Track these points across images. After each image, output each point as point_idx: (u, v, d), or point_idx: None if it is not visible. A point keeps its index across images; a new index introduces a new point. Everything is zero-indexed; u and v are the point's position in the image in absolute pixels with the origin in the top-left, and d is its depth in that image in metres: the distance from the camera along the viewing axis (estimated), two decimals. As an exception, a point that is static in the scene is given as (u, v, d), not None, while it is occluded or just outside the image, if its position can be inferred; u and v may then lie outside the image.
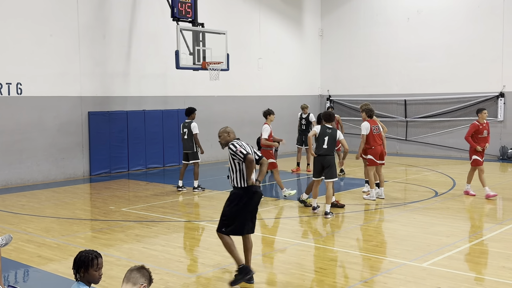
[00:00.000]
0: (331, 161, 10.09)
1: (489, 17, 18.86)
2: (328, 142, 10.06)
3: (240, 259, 6.63)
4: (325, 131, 10.12)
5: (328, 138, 10.05)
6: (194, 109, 13.29)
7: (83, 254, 4.06)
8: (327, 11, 23.21)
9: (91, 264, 4.02)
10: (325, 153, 10.09)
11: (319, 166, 10.16)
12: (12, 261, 7.52)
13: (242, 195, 6.57)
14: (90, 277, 4.03)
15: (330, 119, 10.22)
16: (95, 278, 4.05)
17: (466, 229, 9.15)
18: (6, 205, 11.57)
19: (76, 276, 4.04)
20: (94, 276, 4.04)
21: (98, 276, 4.06)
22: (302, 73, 22.74)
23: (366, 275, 6.84)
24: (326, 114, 10.38)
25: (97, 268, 4.05)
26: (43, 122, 14.71)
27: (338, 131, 10.26)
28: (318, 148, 10.15)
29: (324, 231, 9.32)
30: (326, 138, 10.06)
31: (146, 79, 17.14)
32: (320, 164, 10.15)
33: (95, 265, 4.03)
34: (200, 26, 15.41)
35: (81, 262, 4.02)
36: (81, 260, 4.03)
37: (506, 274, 6.74)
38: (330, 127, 10.21)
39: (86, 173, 15.69)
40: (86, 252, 4.09)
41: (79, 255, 4.06)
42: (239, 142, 6.69)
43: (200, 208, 11.67)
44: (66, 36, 15.07)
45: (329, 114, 10.32)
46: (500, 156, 18.67)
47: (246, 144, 6.71)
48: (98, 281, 4.07)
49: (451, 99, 19.81)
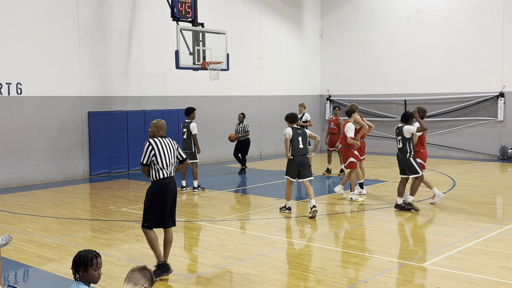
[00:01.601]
0: (307, 160, 10.39)
1: (489, 17, 18.86)
2: (302, 142, 10.33)
3: (160, 255, 6.86)
4: (296, 133, 10.35)
5: (301, 138, 10.33)
6: (194, 108, 13.29)
7: (82, 254, 4.06)
8: (327, 11, 23.20)
9: (90, 263, 4.02)
10: (302, 153, 10.32)
11: (296, 166, 10.28)
12: (12, 261, 7.52)
13: (154, 189, 6.88)
14: (90, 276, 4.03)
15: (294, 120, 10.53)
16: (94, 278, 4.05)
17: (466, 229, 9.15)
18: (6, 205, 11.57)
19: (75, 275, 4.04)
20: (93, 276, 4.04)
21: (98, 275, 4.06)
22: (302, 73, 22.74)
23: (366, 275, 6.84)
24: (290, 116, 10.59)
25: (96, 267, 4.05)
26: (43, 122, 14.71)
27: (306, 129, 10.60)
28: (294, 149, 10.29)
29: (324, 231, 9.32)
30: (300, 139, 10.31)
31: (146, 79, 17.14)
32: (297, 164, 10.27)
33: (94, 264, 4.03)
34: (200, 26, 15.41)
35: (81, 261, 4.02)
36: (80, 259, 4.03)
37: (506, 274, 6.74)
38: (298, 127, 10.55)
39: (86, 173, 15.69)
40: (85, 251, 4.09)
41: (78, 255, 4.06)
42: (155, 143, 6.89)
43: (200, 208, 11.67)
44: (66, 36, 15.07)
45: (293, 115, 10.60)
46: (500, 156, 18.67)
47: (166, 146, 6.93)
48: (97, 280, 4.07)
49: (451, 99, 19.81)
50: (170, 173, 6.95)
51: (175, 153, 7.04)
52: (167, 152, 6.92)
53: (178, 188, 7.50)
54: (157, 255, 6.88)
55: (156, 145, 6.90)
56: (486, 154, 19.10)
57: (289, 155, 10.29)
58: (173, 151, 7.01)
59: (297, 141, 10.28)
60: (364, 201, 11.58)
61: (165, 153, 6.91)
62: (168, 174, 6.92)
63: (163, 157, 6.87)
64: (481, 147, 19.19)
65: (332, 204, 11.58)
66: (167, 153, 6.93)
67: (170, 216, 7.00)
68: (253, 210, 10.99)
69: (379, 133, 21.58)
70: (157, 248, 6.88)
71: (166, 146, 6.96)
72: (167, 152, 6.93)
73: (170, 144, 7.02)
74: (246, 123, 16.21)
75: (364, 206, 11.19)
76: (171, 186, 6.95)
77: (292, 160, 10.28)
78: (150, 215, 6.88)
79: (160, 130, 7.04)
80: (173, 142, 7.11)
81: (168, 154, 6.93)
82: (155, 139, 6.94)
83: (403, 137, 10.47)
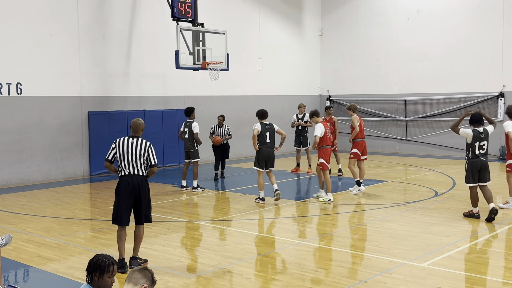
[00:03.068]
0: (273, 154, 11.47)
1: (489, 17, 18.86)
2: (269, 137, 11.37)
3: (121, 252, 7.18)
4: (265, 128, 11.39)
5: (269, 134, 11.36)
6: (193, 108, 13.33)
7: (100, 258, 4.02)
8: (327, 11, 23.20)
9: (107, 269, 3.99)
10: (269, 147, 11.41)
11: (263, 158, 11.36)
12: (12, 261, 7.53)
13: (117, 185, 7.28)
14: (103, 282, 4.00)
15: (264, 116, 11.49)
16: (107, 285, 4.01)
17: (466, 229, 9.15)
18: (6, 205, 11.57)
19: (88, 278, 4.01)
20: (106, 283, 4.01)
21: (111, 283, 4.03)
22: (302, 73, 22.74)
23: (366, 275, 6.84)
24: (260, 112, 11.60)
25: (111, 274, 4.02)
26: (43, 122, 14.71)
27: (274, 125, 11.52)
28: (262, 143, 11.37)
29: (324, 231, 9.32)
30: (267, 134, 11.35)
31: (146, 79, 17.14)
32: (264, 156, 11.35)
33: (110, 271, 4.01)
34: (200, 26, 15.41)
35: (97, 266, 3.99)
36: (97, 264, 3.99)
37: (506, 274, 6.75)
38: (267, 123, 11.48)
39: (86, 173, 15.69)
40: (103, 256, 4.05)
41: (95, 259, 4.02)
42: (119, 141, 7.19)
43: (200, 208, 11.67)
44: (66, 36, 15.06)
45: (263, 111, 11.58)
46: (500, 156, 18.67)
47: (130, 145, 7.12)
48: (110, 287, 4.05)
49: (451, 99, 19.81)
50: (132, 171, 7.09)
51: (141, 154, 7.11)
52: (129, 152, 7.10)
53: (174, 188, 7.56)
54: (118, 251, 7.22)
55: (119, 144, 7.17)
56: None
57: (256, 147, 11.37)
58: (138, 151, 7.10)
59: (264, 136, 11.34)
60: (364, 202, 11.58)
61: (126, 152, 7.10)
62: (129, 172, 7.09)
63: (123, 156, 7.10)
64: (481, 147, 19.17)
65: (332, 204, 11.58)
66: (129, 152, 7.09)
67: (142, 213, 7.22)
68: (253, 210, 10.99)
69: (379, 133, 21.60)
70: (119, 244, 7.19)
71: (130, 145, 7.11)
72: (129, 151, 7.10)
73: (136, 145, 7.12)
74: (227, 126, 15.22)
75: (364, 206, 11.20)
76: (132, 184, 7.08)
77: (260, 153, 11.37)
78: (114, 211, 7.23)
79: (132, 130, 7.28)
80: (144, 144, 7.16)
81: (129, 153, 7.09)
82: (121, 138, 7.23)
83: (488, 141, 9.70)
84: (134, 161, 7.10)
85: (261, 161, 11.39)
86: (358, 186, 12.43)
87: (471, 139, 9.58)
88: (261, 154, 11.36)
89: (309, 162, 15.90)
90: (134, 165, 7.11)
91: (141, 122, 7.35)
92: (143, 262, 7.37)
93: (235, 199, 12.10)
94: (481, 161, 9.60)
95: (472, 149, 9.59)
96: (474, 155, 9.59)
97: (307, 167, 15.94)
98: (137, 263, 7.27)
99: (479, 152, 9.59)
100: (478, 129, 9.62)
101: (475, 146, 9.57)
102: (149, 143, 7.22)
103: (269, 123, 11.55)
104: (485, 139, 9.64)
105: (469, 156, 9.64)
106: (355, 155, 12.53)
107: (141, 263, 7.32)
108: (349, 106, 12.82)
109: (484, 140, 9.62)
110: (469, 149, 9.63)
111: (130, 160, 7.10)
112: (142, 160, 7.13)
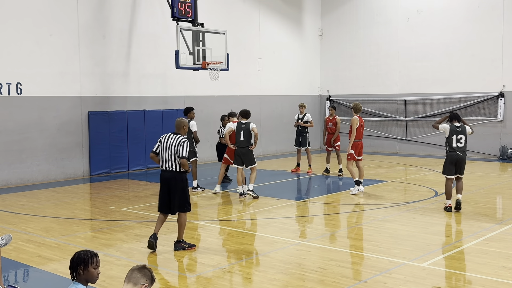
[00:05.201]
0: (248, 151, 11.89)
1: (489, 17, 18.87)
2: (243, 135, 11.83)
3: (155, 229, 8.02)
4: (240, 127, 11.91)
5: (243, 132, 11.83)
6: (191, 108, 13.33)
7: (81, 252, 4.06)
8: (327, 11, 23.21)
9: (90, 261, 4.01)
10: (242, 145, 11.88)
11: (239, 156, 11.93)
12: (12, 261, 7.52)
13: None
14: (89, 274, 4.01)
15: (246, 116, 12.07)
16: (93, 277, 4.03)
17: (466, 229, 9.15)
18: (6, 205, 11.57)
19: (74, 275, 4.02)
20: (92, 274, 4.02)
21: (97, 274, 4.04)
22: (302, 73, 22.74)
23: (366, 275, 6.84)
24: (243, 112, 12.18)
25: (96, 265, 4.04)
26: (43, 122, 14.71)
27: (251, 124, 11.93)
28: (236, 142, 11.93)
29: (324, 231, 9.32)
30: (241, 132, 11.84)
31: (146, 79, 17.14)
32: (239, 154, 11.91)
33: (94, 262, 4.02)
34: (200, 26, 15.41)
35: (80, 259, 4.01)
36: (80, 258, 4.02)
37: (506, 274, 6.74)
38: (245, 122, 11.97)
39: (86, 173, 15.69)
40: (83, 251, 4.09)
41: (76, 254, 4.05)
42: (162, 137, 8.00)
43: (200, 208, 11.66)
44: (66, 36, 15.07)
45: (246, 111, 12.17)
46: (500, 156, 18.68)
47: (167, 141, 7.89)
48: (96, 279, 4.05)
49: (451, 99, 19.81)
50: (166, 166, 7.85)
51: (175, 150, 7.77)
52: (166, 147, 7.83)
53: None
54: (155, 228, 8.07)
55: (162, 139, 7.96)
56: (486, 154, 19.10)
57: (232, 146, 12.03)
58: (173, 147, 7.78)
59: (238, 135, 11.89)
60: (363, 202, 11.57)
61: (164, 147, 7.85)
62: (164, 166, 7.87)
63: (162, 151, 7.89)
64: (481, 147, 19.19)
65: (332, 204, 11.59)
66: (166, 147, 7.83)
67: (174, 203, 7.88)
68: (253, 210, 11.00)
69: (379, 133, 21.60)
70: (157, 224, 8.04)
71: (168, 141, 7.84)
72: (167, 146, 7.82)
73: (173, 141, 7.81)
74: None
75: (364, 206, 11.20)
76: (164, 177, 7.89)
77: (235, 151, 11.99)
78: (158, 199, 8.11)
79: (175, 127, 8.06)
80: (179, 139, 7.81)
81: (166, 148, 7.83)
82: (165, 134, 8.01)
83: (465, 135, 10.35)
84: (169, 156, 7.80)
85: (238, 158, 12.03)
86: (357, 186, 12.43)
87: (448, 133, 10.28)
88: (236, 152, 12.05)
89: (309, 162, 15.90)
90: (168, 159, 7.81)
91: (182, 121, 8.05)
92: (187, 247, 8.01)
93: (235, 199, 12.10)
94: (457, 155, 10.24)
95: (450, 143, 10.27)
96: (452, 149, 10.26)
97: (307, 167, 15.94)
98: (181, 247, 7.98)
99: (457, 145, 10.22)
100: (455, 124, 10.30)
101: (452, 140, 10.24)
102: (184, 139, 7.83)
103: (246, 122, 12.05)
104: (462, 133, 10.24)
105: (447, 149, 10.35)
106: (351, 156, 12.52)
107: (185, 247, 7.99)
108: (352, 105, 12.80)
109: (461, 134, 10.23)
110: (447, 143, 10.34)
111: (166, 155, 7.83)
112: (176, 156, 7.77)
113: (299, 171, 16.12)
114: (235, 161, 12.11)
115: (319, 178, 15.23)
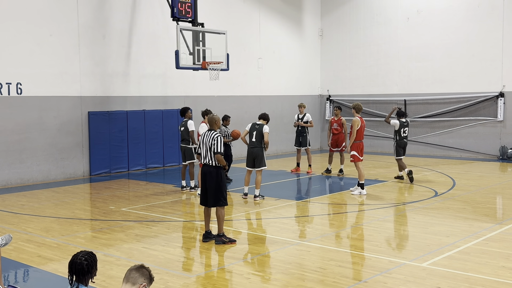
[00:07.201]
0: (258, 152, 11.75)
1: (489, 17, 18.86)
2: (255, 136, 11.77)
3: (205, 226, 8.54)
4: (254, 127, 11.90)
5: (255, 133, 11.80)
6: (188, 108, 13.34)
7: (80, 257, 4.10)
8: (327, 11, 23.21)
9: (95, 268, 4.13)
10: (253, 146, 11.82)
11: (250, 157, 11.85)
12: (12, 261, 7.53)
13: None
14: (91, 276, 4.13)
15: (263, 118, 12.02)
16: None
17: (466, 229, 9.15)
18: (6, 205, 11.57)
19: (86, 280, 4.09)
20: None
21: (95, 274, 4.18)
22: (302, 73, 22.74)
23: (366, 275, 6.84)
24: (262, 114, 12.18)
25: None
26: (43, 122, 14.71)
27: (264, 126, 11.84)
28: (249, 142, 11.93)
29: (324, 231, 9.32)
30: (254, 133, 11.82)
31: (146, 79, 17.14)
32: (251, 155, 11.85)
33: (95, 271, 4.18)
34: (200, 26, 15.41)
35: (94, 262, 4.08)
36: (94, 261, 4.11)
37: (506, 274, 6.75)
38: (259, 123, 11.93)
39: (86, 173, 15.69)
40: (86, 254, 4.12)
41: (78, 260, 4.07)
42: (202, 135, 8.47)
43: (200, 208, 11.66)
44: (66, 36, 15.07)
45: (263, 114, 12.17)
46: (500, 156, 18.67)
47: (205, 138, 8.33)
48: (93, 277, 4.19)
49: (451, 99, 19.81)
50: (204, 161, 8.29)
51: (211, 145, 8.18)
52: (203, 143, 8.30)
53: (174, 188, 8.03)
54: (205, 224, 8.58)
55: (201, 136, 8.45)
56: (486, 154, 19.10)
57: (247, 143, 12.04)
58: (208, 143, 8.21)
59: (251, 135, 11.87)
60: (363, 202, 11.57)
61: (202, 143, 8.33)
62: (203, 161, 8.34)
63: (201, 147, 8.37)
64: (481, 147, 19.19)
65: (332, 204, 11.59)
66: (203, 144, 8.29)
67: (210, 197, 8.25)
68: (253, 210, 11.00)
69: (379, 133, 21.60)
70: (205, 220, 8.55)
71: (204, 138, 8.30)
72: (203, 143, 8.29)
73: (208, 137, 8.23)
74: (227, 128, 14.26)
75: (364, 206, 11.20)
76: (203, 172, 8.36)
77: (247, 151, 11.98)
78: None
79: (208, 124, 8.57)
80: (213, 135, 8.20)
81: (203, 144, 8.29)
82: (205, 131, 8.43)
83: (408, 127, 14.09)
84: (206, 151, 8.26)
85: (249, 159, 11.96)
86: (361, 189, 12.35)
87: (398, 127, 13.85)
88: (247, 152, 12.01)
89: (309, 162, 15.90)
90: (205, 155, 8.28)
91: (214, 117, 8.42)
92: (228, 241, 8.20)
93: (236, 199, 12.10)
94: (404, 142, 13.98)
95: (399, 134, 13.89)
96: (400, 137, 13.91)
97: (307, 167, 15.94)
98: (221, 241, 8.20)
99: (403, 135, 13.92)
100: (402, 120, 13.97)
101: (401, 131, 13.87)
102: (217, 134, 8.21)
103: (260, 123, 11.99)
104: (407, 126, 14.06)
105: (397, 138, 13.92)
106: (355, 157, 12.49)
107: (226, 242, 8.18)
108: (353, 105, 12.73)
109: (407, 127, 14.03)
110: (396, 134, 13.93)
111: (203, 151, 8.31)
112: (212, 151, 8.16)
113: (299, 171, 16.12)
114: (247, 162, 12.02)
115: (319, 178, 15.23)
